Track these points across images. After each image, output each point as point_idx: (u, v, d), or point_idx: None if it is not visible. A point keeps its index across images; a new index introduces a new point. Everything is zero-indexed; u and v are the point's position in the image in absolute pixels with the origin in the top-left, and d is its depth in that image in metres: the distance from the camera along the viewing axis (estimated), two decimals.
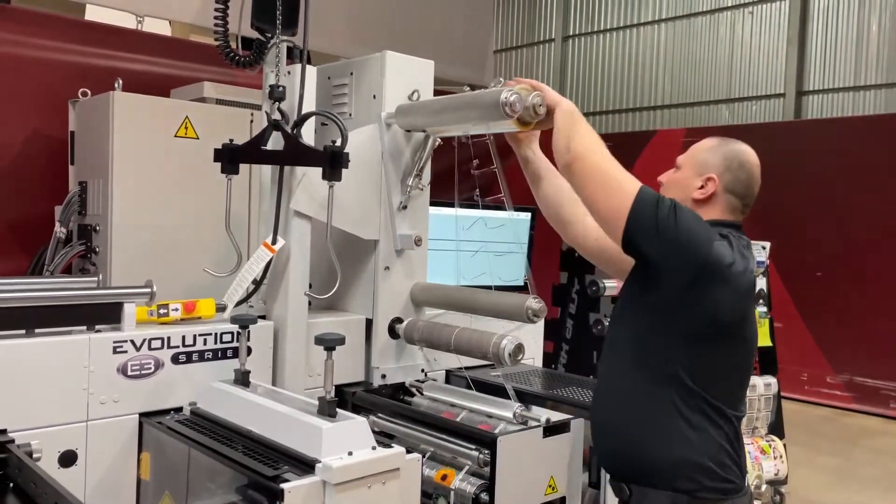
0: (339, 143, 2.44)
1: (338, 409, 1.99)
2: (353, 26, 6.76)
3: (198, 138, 3.70)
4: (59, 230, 3.79)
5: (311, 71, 2.56)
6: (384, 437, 2.46)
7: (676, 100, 9.68)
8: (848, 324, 7.77)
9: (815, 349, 7.98)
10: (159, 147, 3.60)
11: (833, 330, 7.90)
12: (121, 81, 3.62)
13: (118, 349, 2.22)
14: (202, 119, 3.72)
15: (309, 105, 2.55)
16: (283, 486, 1.74)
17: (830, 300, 7.90)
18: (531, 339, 3.39)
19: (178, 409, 2.33)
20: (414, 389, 2.80)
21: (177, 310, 2.39)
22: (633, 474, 1.94)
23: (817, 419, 7.48)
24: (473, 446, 2.27)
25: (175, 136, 3.67)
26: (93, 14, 5.92)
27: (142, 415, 2.28)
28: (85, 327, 2.23)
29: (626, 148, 9.51)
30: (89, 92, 3.80)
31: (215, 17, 2.51)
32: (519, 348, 2.41)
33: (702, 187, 2.04)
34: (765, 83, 8.93)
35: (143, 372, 2.27)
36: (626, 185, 1.87)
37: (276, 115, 2.48)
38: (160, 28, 5.77)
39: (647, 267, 1.91)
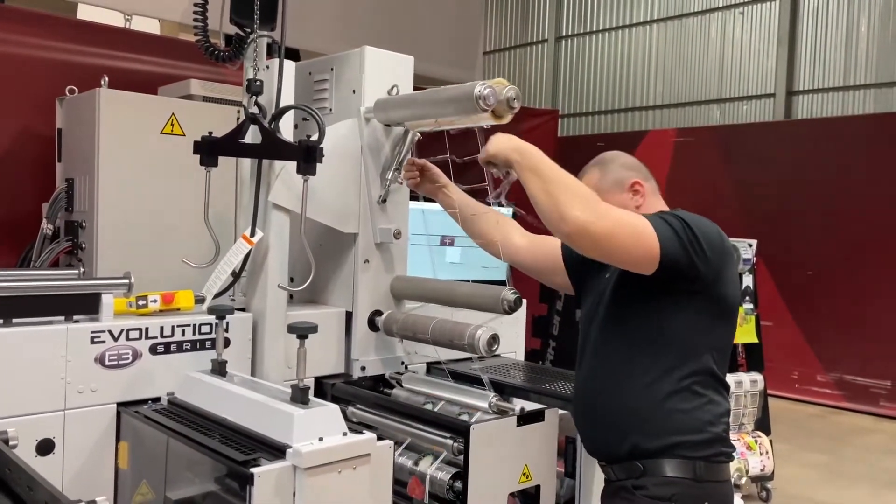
0: (316, 137, 2.47)
1: (311, 397, 2.02)
2: (342, 25, 6.82)
3: (184, 135, 3.72)
4: (46, 227, 3.81)
5: (290, 65, 2.59)
6: (364, 428, 2.48)
7: (668, 100, 9.72)
8: (838, 322, 7.80)
9: (805, 348, 8.02)
10: (145, 144, 3.61)
11: (823, 328, 7.93)
12: (107, 78, 3.65)
13: (96, 339, 2.24)
14: (188, 116, 3.74)
15: (287, 99, 2.58)
16: (253, 470, 1.77)
17: (821, 299, 7.94)
18: (513, 333, 3.41)
19: (157, 399, 2.36)
20: (393, 381, 2.83)
21: (155, 301, 2.42)
22: (649, 451, 1.97)
23: (807, 417, 7.52)
24: (448, 435, 2.30)
25: (161, 132, 3.69)
26: (84, 13, 5.95)
27: (120, 404, 2.30)
28: (63, 318, 2.25)
29: (617, 148, 9.56)
30: (76, 89, 3.82)
31: (194, 13, 2.54)
32: (494, 338, 2.43)
33: (633, 197, 2.17)
34: (755, 83, 8.98)
35: (120, 362, 2.29)
36: (640, 227, 1.90)
37: (254, 109, 2.51)
38: (150, 26, 5.80)
39: (674, 273, 1.93)
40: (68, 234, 3.72)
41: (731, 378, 4.80)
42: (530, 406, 2.52)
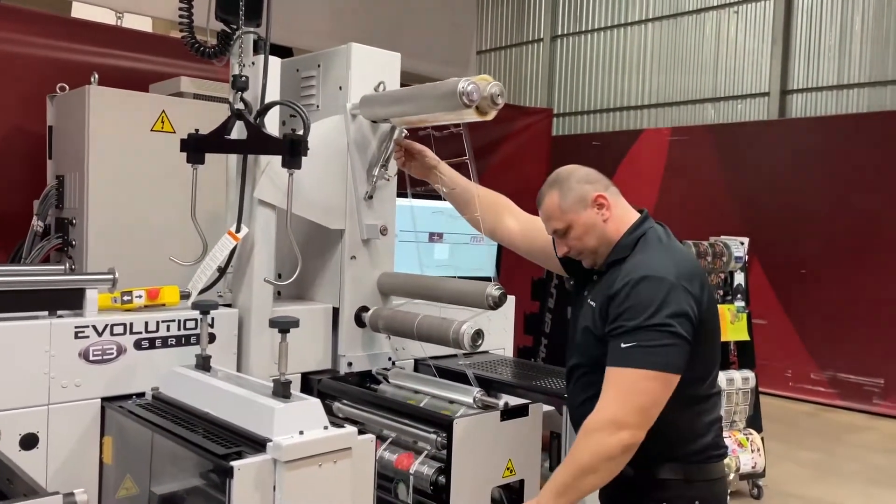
0: (301, 132, 2.48)
1: (292, 392, 2.03)
2: (336, 24, 6.84)
3: (174, 132, 3.73)
4: (37, 224, 3.83)
5: (275, 62, 2.60)
6: (350, 423, 2.49)
7: (663, 99, 9.73)
8: (832, 321, 7.80)
9: (799, 346, 8.02)
10: (135, 141, 3.63)
11: (817, 327, 7.93)
12: (97, 76, 3.66)
13: (80, 334, 2.25)
14: (179, 113, 3.76)
15: (272, 95, 2.58)
16: (233, 463, 1.77)
17: (815, 297, 7.94)
18: (502, 330, 3.43)
19: (141, 394, 2.36)
20: (380, 377, 2.84)
21: (140, 297, 2.43)
22: (639, 459, 1.93)
23: (801, 415, 7.52)
24: (431, 430, 2.31)
25: (151, 130, 3.70)
26: (78, 11, 5.96)
27: (104, 399, 2.31)
28: (47, 312, 2.26)
29: (613, 147, 9.60)
30: (67, 87, 3.83)
31: (180, 9, 2.55)
32: (478, 333, 2.44)
33: (599, 211, 2.06)
34: (750, 82, 8.98)
35: (105, 357, 2.29)
36: (656, 385, 1.85)
37: (240, 105, 2.52)
38: (142, 24, 5.81)
39: None
40: (58, 231, 3.73)
41: (722, 375, 4.81)
42: (515, 400, 2.53)
